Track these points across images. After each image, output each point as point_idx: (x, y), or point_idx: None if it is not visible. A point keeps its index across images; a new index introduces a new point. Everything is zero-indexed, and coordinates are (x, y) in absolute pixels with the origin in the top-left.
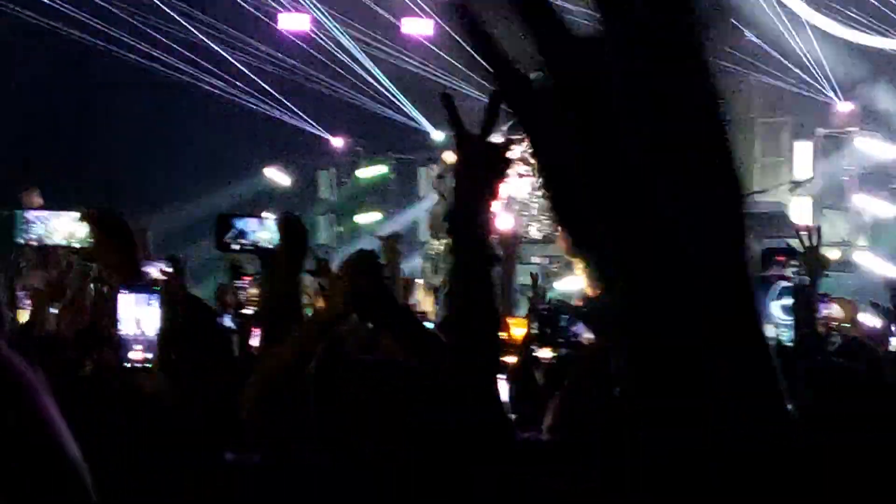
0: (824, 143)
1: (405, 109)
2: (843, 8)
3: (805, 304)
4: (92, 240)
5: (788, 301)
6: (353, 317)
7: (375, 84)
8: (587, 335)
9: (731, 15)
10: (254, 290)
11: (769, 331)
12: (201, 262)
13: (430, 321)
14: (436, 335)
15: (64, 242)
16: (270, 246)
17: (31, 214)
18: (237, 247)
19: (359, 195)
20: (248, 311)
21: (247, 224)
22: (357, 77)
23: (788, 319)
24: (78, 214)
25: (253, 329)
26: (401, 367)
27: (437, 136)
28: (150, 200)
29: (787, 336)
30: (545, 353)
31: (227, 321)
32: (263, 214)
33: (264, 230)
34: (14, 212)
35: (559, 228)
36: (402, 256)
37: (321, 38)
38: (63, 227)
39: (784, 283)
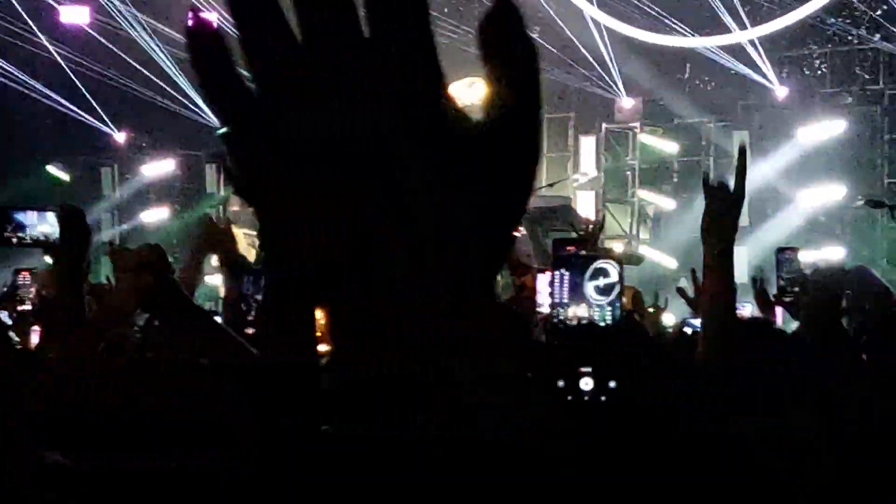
0: (608, 138)
1: (193, 104)
2: (626, 5)
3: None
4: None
5: (602, 281)
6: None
7: (163, 78)
8: None
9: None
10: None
11: (581, 311)
12: None
13: None
14: (228, 332)
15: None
16: (51, 239)
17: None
18: (16, 240)
19: (144, 191)
20: (27, 306)
21: (26, 217)
22: (144, 72)
23: (602, 300)
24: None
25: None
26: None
27: (223, 130)
28: None
29: (600, 315)
30: None
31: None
32: (44, 208)
33: (45, 223)
34: None
35: None
36: None
37: (106, 31)
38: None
39: (599, 263)
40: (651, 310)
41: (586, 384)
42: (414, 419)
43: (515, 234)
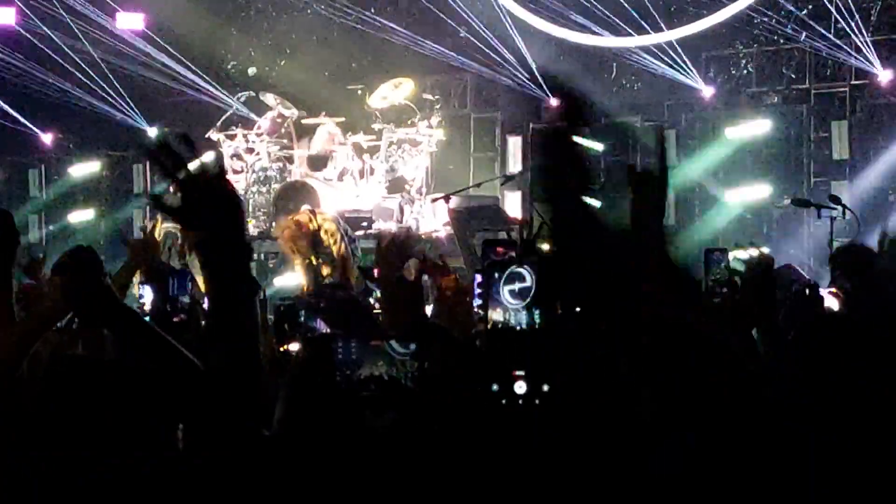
0: (535, 139)
1: (119, 105)
2: (550, 4)
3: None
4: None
5: (516, 286)
6: None
7: (88, 78)
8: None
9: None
10: None
11: (498, 315)
12: None
13: None
14: (159, 334)
15: None
16: None
17: None
18: None
19: (71, 193)
20: None
21: None
22: (70, 71)
23: (516, 303)
24: None
25: None
26: (122, 367)
27: (152, 132)
28: None
29: (516, 320)
30: (294, 347)
31: None
32: None
33: None
34: None
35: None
36: None
37: (32, 31)
38: None
39: (513, 268)
40: None
41: (520, 388)
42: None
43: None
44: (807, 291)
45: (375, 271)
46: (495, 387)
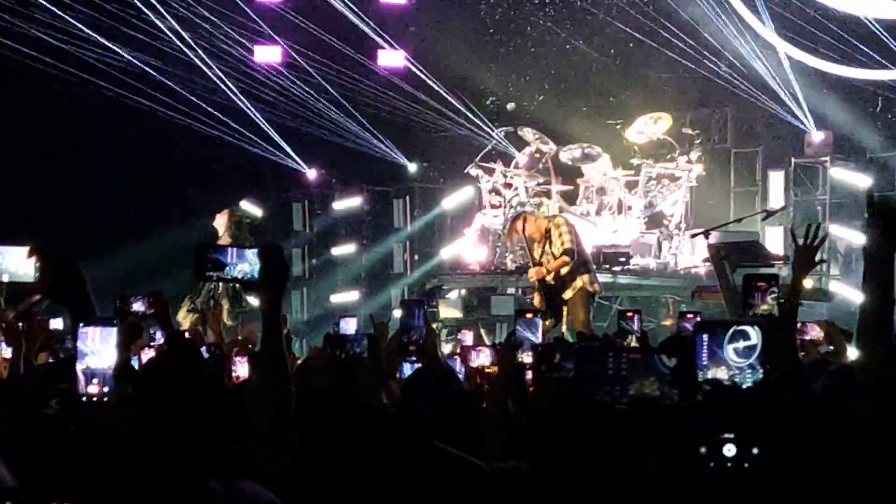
0: (797, 173)
1: (380, 141)
2: (815, 39)
3: (783, 338)
4: (39, 275)
5: (741, 343)
6: None
7: (349, 116)
8: None
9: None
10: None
11: (722, 374)
12: (182, 290)
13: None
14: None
15: (14, 278)
16: (249, 276)
17: None
18: (216, 277)
19: (334, 227)
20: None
21: (226, 255)
22: (331, 109)
23: (742, 362)
24: (26, 250)
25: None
26: None
27: (412, 167)
28: (124, 233)
29: (741, 378)
30: None
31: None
32: (243, 245)
33: (244, 262)
34: None
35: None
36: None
37: (295, 70)
38: (11, 263)
39: (738, 327)
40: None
41: (729, 451)
42: None
43: None
44: None
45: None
46: (703, 449)
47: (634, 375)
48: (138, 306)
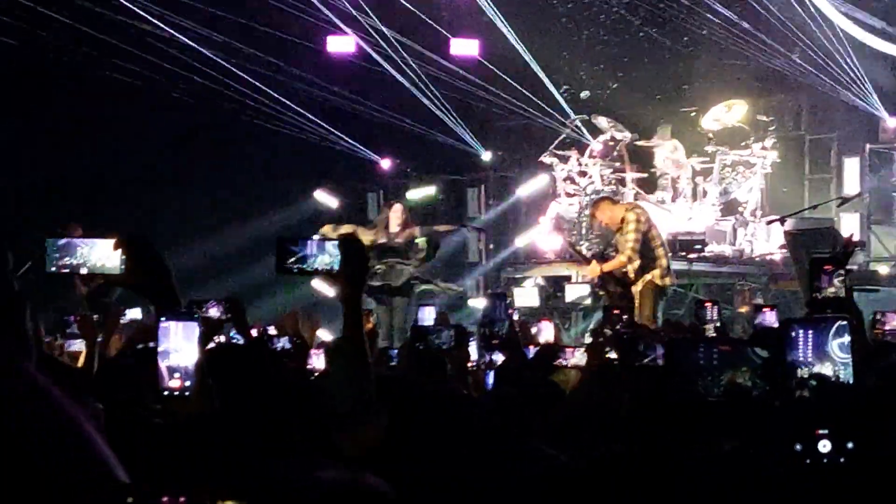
0: (872, 159)
1: (453, 130)
2: (891, 25)
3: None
4: (125, 267)
5: (846, 338)
6: None
7: (423, 105)
8: None
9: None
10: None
11: (827, 370)
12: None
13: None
14: None
15: (96, 270)
16: (329, 268)
17: (62, 242)
18: (297, 270)
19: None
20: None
21: (306, 247)
22: (405, 98)
23: (846, 357)
24: (112, 242)
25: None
26: None
27: (486, 156)
28: (200, 224)
29: (845, 374)
30: None
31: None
32: (320, 236)
33: (324, 254)
34: (46, 239)
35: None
36: None
37: (368, 61)
38: (96, 255)
39: (840, 322)
40: None
41: (824, 446)
42: None
43: None
44: None
45: None
46: (798, 446)
47: (726, 366)
48: (214, 311)
